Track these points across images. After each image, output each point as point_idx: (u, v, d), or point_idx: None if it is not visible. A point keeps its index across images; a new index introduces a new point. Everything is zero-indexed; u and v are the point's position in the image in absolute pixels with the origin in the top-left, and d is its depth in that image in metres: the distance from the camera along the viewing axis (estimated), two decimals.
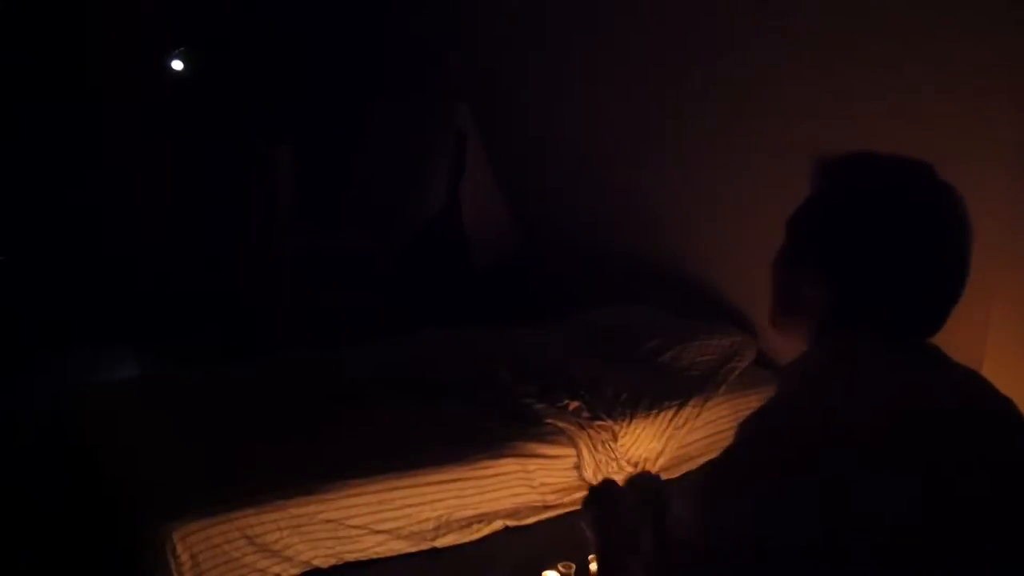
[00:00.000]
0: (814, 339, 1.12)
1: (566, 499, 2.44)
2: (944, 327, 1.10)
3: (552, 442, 2.46)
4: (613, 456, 2.53)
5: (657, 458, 2.63)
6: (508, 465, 2.37)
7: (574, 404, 2.64)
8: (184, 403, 2.62)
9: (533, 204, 4.10)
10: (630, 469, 2.57)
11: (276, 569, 2.05)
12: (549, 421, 2.55)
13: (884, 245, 1.04)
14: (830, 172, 1.11)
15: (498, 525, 2.32)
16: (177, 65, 4.92)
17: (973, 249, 1.05)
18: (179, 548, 1.93)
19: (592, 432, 2.53)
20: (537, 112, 3.98)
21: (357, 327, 3.61)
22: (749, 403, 2.88)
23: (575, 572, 2.15)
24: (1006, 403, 1.07)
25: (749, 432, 1.04)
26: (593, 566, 2.09)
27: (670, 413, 2.68)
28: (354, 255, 4.45)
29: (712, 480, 1.04)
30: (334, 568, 2.12)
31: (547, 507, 2.41)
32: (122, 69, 4.77)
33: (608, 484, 1.42)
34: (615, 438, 2.56)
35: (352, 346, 3.19)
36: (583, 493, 2.45)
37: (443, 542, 2.24)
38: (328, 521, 2.10)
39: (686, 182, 3.29)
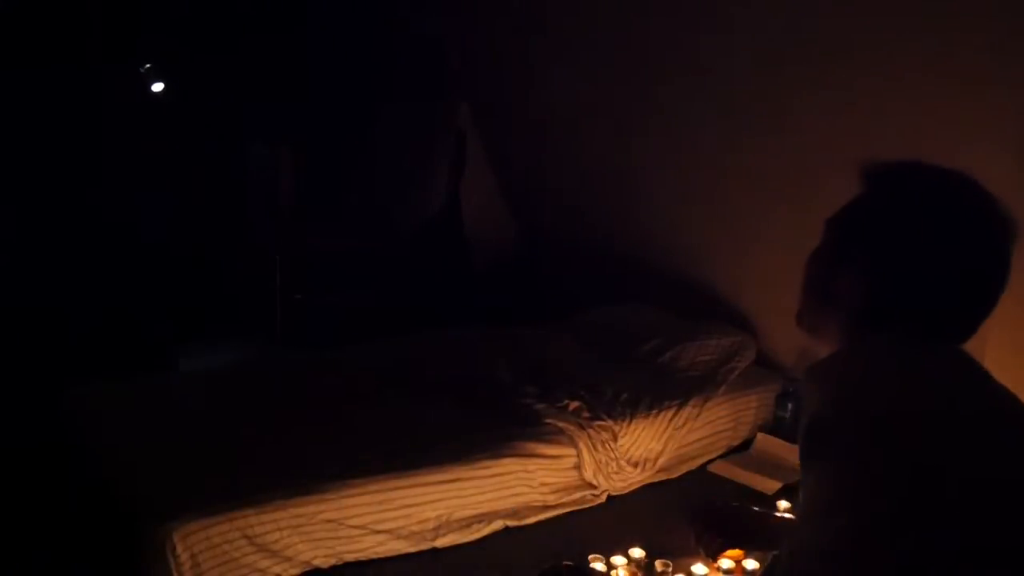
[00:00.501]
0: (846, 338, 1.13)
1: (566, 499, 2.44)
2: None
3: (552, 442, 2.46)
4: (613, 456, 2.53)
5: (657, 458, 2.63)
6: (508, 465, 2.37)
7: (574, 404, 2.64)
8: (184, 403, 2.62)
9: (533, 204, 4.10)
10: (630, 469, 2.57)
11: (276, 569, 2.05)
12: (549, 421, 2.55)
13: (931, 247, 1.06)
14: (879, 176, 1.13)
15: (498, 525, 2.32)
16: (157, 87, 4.90)
17: (1014, 257, 1.07)
18: (179, 548, 1.93)
19: (592, 432, 2.53)
20: (537, 112, 3.98)
21: (357, 327, 3.61)
22: (749, 403, 2.88)
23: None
24: None
25: (813, 438, 1.06)
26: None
27: (670, 413, 2.68)
28: (354, 255, 4.44)
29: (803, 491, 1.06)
30: (334, 568, 2.12)
31: (547, 507, 2.41)
32: (121, 70, 4.77)
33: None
34: (615, 438, 2.56)
35: (352, 346, 3.18)
36: (584, 493, 2.47)
37: (443, 542, 2.24)
38: (328, 521, 2.10)
39: (687, 183, 3.29)
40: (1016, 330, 2.21)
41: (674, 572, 2.08)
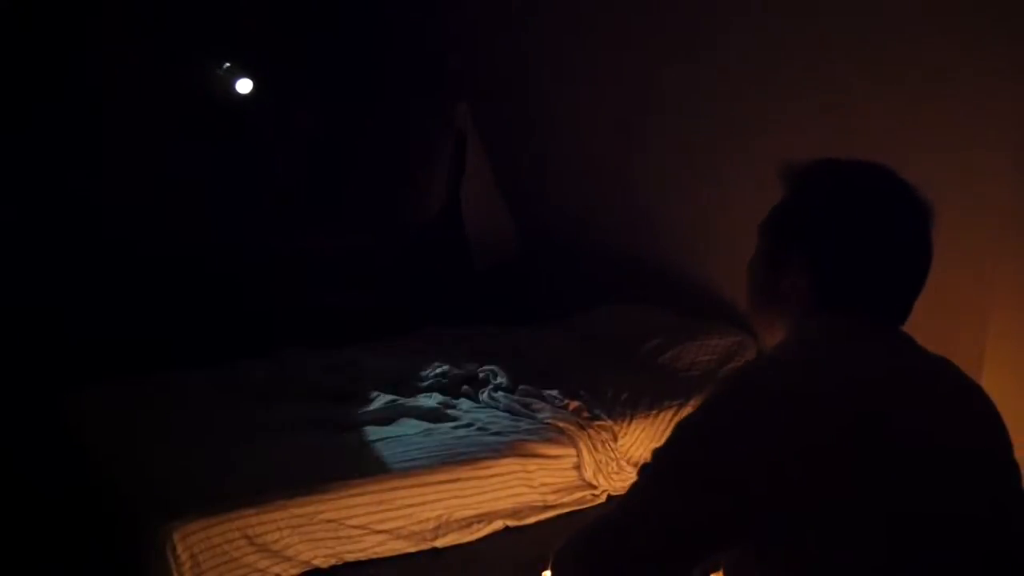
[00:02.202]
0: (792, 329, 1.18)
1: (566, 499, 2.44)
2: (938, 326, 1.13)
3: (552, 442, 2.46)
4: (613, 456, 2.53)
5: None
6: (508, 465, 2.37)
7: (574, 404, 2.64)
8: (184, 403, 2.62)
9: (533, 204, 4.10)
10: (630, 469, 2.57)
11: (276, 569, 2.05)
12: (549, 421, 2.55)
13: (863, 241, 1.12)
14: (800, 177, 1.19)
15: (498, 525, 2.32)
16: (244, 86, 4.84)
17: (934, 239, 1.13)
18: (179, 548, 1.93)
19: (592, 432, 2.53)
20: (537, 112, 3.98)
21: (357, 327, 3.60)
22: None
23: None
24: (975, 388, 1.13)
25: (726, 385, 1.11)
26: None
27: (670, 413, 2.68)
28: (354, 255, 4.44)
29: (683, 421, 1.09)
30: (334, 568, 2.12)
31: (547, 507, 2.40)
32: (124, 71, 4.78)
33: None
34: (615, 438, 2.56)
35: (352, 346, 3.18)
36: (584, 493, 2.46)
37: (443, 542, 2.24)
38: (328, 521, 2.10)
39: (687, 182, 3.30)
40: (1016, 331, 2.21)
41: None
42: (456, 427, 2.53)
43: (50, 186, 4.61)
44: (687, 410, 2.70)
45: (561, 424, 2.52)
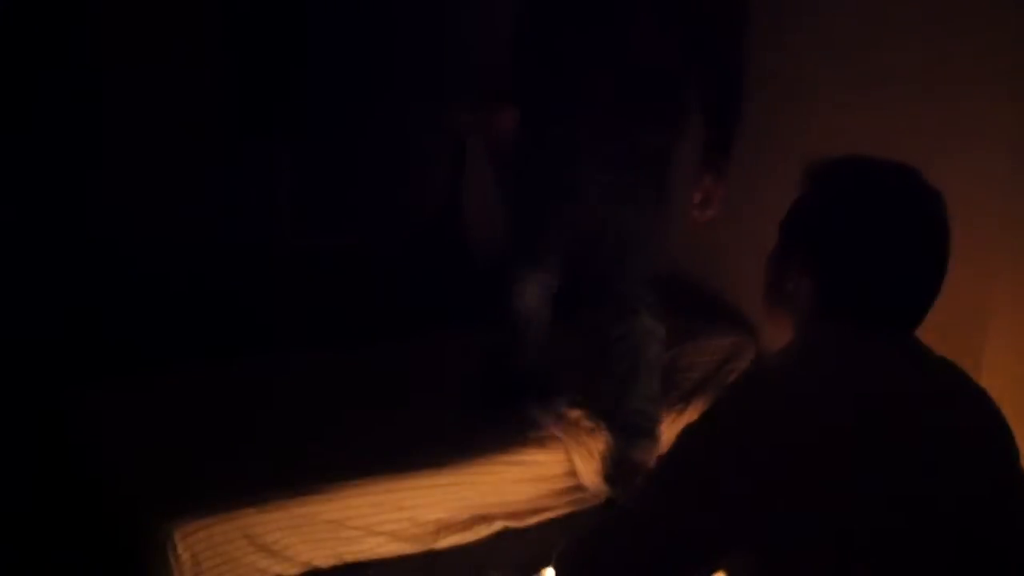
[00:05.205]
0: (798, 332, 1.18)
1: (566, 500, 2.44)
2: (938, 326, 1.13)
3: (551, 445, 2.47)
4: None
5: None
6: (507, 467, 2.37)
7: (569, 407, 2.64)
8: (184, 403, 2.62)
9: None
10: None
11: (276, 569, 2.06)
12: (548, 424, 2.55)
13: (865, 243, 1.09)
14: (817, 175, 1.16)
15: (498, 526, 2.32)
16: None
17: (951, 248, 1.10)
18: (180, 547, 1.93)
19: (588, 434, 2.53)
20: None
21: (357, 327, 3.60)
22: None
23: None
24: (980, 392, 1.12)
25: (729, 396, 1.14)
26: None
27: (672, 415, 2.67)
28: (353, 254, 4.44)
29: (687, 429, 1.10)
30: (334, 568, 2.12)
31: (547, 508, 2.41)
32: (122, 67, 4.77)
33: None
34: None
35: (352, 346, 3.18)
36: (583, 493, 2.46)
37: (443, 543, 2.24)
38: (329, 522, 2.10)
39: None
40: (1016, 331, 2.21)
41: None
42: (456, 428, 2.53)
43: (50, 185, 4.61)
44: (686, 411, 2.70)
45: (560, 426, 2.53)
